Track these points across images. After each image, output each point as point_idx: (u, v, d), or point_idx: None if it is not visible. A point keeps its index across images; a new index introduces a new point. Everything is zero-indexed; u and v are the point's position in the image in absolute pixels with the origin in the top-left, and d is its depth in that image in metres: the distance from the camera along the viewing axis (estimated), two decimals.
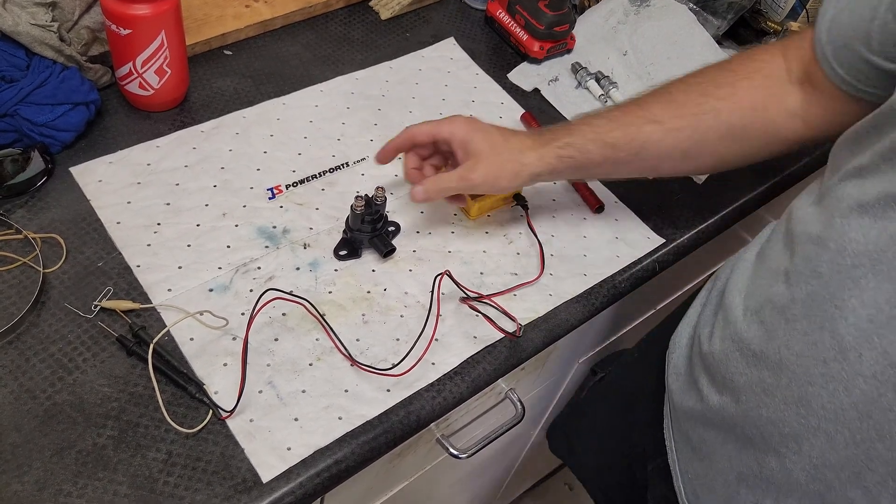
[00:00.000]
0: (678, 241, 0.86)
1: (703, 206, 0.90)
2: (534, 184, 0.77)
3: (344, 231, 0.77)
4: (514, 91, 0.98)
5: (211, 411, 0.64)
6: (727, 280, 0.71)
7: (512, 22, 1.01)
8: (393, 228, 0.79)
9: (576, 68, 1.01)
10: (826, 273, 0.56)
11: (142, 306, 0.69)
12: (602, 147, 0.73)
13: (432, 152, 0.79)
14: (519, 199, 0.84)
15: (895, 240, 0.52)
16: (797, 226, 0.62)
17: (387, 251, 0.76)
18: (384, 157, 0.79)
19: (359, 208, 0.74)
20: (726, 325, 0.67)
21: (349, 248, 0.76)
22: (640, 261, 0.84)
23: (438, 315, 0.73)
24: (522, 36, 1.00)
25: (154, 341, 0.64)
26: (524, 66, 1.01)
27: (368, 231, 0.76)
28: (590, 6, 1.09)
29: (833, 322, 0.55)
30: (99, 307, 0.68)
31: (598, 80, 0.99)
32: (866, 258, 0.54)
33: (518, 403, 0.84)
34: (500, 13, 1.02)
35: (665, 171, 0.77)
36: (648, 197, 0.90)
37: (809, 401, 0.57)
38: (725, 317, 0.68)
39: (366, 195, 0.75)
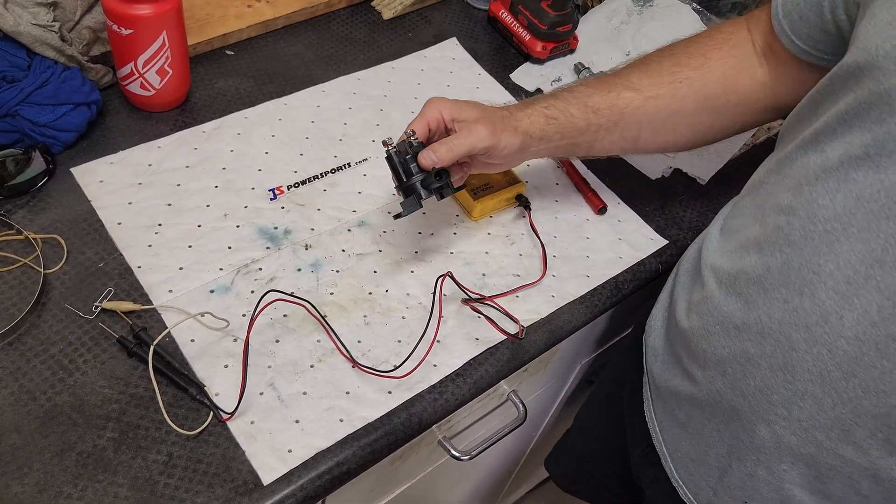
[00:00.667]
0: (682, 241, 0.86)
1: (706, 207, 0.90)
2: (528, 151, 0.74)
3: (396, 186, 0.71)
4: (517, 91, 0.97)
5: (212, 413, 0.64)
6: (698, 257, 0.72)
7: (514, 22, 1.01)
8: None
9: (579, 68, 1.00)
10: (799, 240, 0.58)
11: (143, 307, 0.69)
12: (584, 110, 0.73)
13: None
14: (521, 200, 0.84)
15: (861, 200, 0.54)
16: (765, 198, 0.64)
17: (442, 177, 0.69)
18: (424, 131, 0.72)
19: (392, 148, 0.70)
20: (703, 301, 0.68)
21: (408, 194, 0.70)
22: (643, 262, 0.83)
23: (440, 316, 0.73)
24: (525, 36, 1.00)
25: (154, 343, 0.64)
26: (527, 66, 1.00)
27: (417, 170, 0.69)
28: (593, 6, 1.09)
29: (812, 287, 0.57)
30: (100, 308, 0.68)
31: None
32: (837, 222, 0.55)
33: (520, 405, 0.84)
34: (502, 13, 1.02)
35: (644, 143, 0.77)
36: (651, 198, 0.89)
37: (795, 366, 0.59)
38: (701, 293, 0.69)
39: (393, 139, 0.70)
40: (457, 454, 0.79)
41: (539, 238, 0.81)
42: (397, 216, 0.70)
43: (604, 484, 0.97)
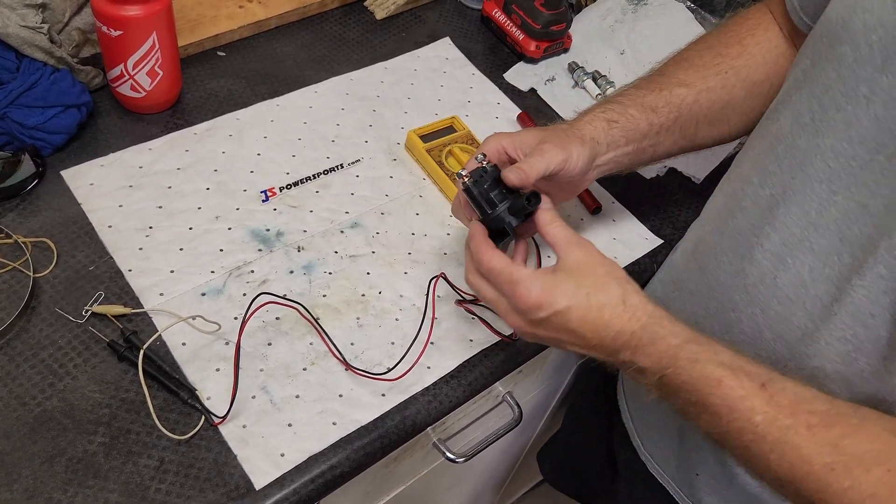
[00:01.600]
0: (676, 241, 0.85)
1: (701, 206, 0.89)
2: (597, 161, 0.70)
3: (482, 221, 0.64)
4: (511, 91, 0.97)
5: (203, 417, 0.63)
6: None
7: (508, 21, 1.00)
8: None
9: (573, 68, 1.00)
10: (749, 206, 0.61)
11: (133, 311, 0.68)
12: (643, 110, 0.71)
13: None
14: None
15: (803, 166, 0.56)
16: (733, 168, 0.67)
17: (534, 200, 0.61)
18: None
19: (468, 179, 0.64)
20: (668, 270, 0.73)
21: (496, 233, 0.64)
22: (638, 262, 0.83)
23: (434, 318, 0.72)
24: (519, 35, 0.99)
25: (145, 346, 0.63)
26: (521, 65, 1.00)
27: (501, 198, 0.63)
28: (586, 5, 1.08)
29: (752, 250, 0.60)
30: (90, 312, 0.67)
31: (595, 80, 0.99)
32: (780, 187, 0.58)
33: (515, 407, 0.83)
34: (496, 13, 1.02)
35: (702, 138, 0.76)
36: (646, 197, 0.89)
37: (732, 326, 0.62)
38: (670, 262, 0.73)
39: (466, 170, 0.64)
40: (451, 456, 0.78)
41: (534, 239, 0.80)
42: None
43: (590, 476, 0.97)
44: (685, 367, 0.53)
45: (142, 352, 0.62)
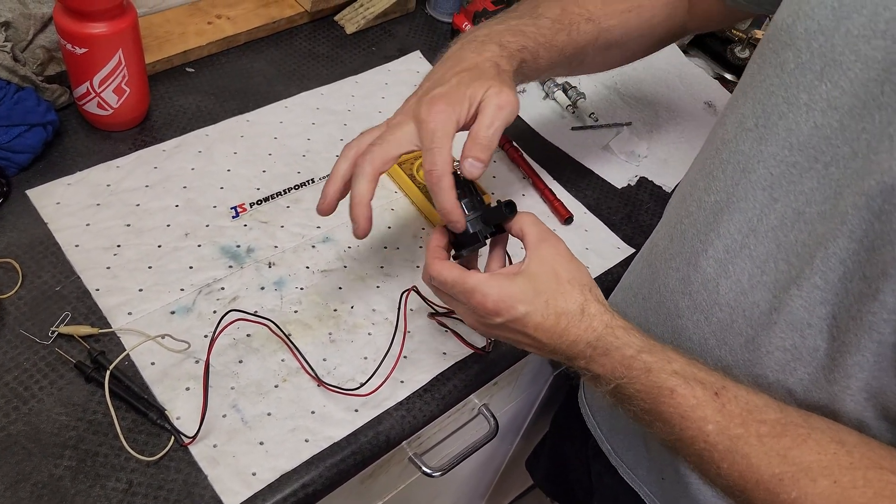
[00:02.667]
0: None
1: None
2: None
3: (450, 254, 0.62)
4: None
5: (173, 437, 0.62)
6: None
7: None
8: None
9: (543, 79, 1.00)
10: (695, 212, 0.61)
11: (101, 331, 0.67)
12: (550, 51, 0.69)
13: None
14: None
15: (745, 172, 0.56)
16: (686, 173, 0.67)
17: (509, 210, 0.59)
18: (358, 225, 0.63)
19: None
20: (628, 275, 0.73)
21: (464, 241, 0.61)
22: (611, 271, 0.83)
23: (406, 331, 0.72)
24: None
25: (111, 367, 0.62)
26: None
27: (471, 206, 0.60)
28: None
29: (697, 257, 0.60)
30: (56, 333, 0.66)
31: (565, 91, 0.99)
32: (724, 193, 0.57)
33: (491, 419, 0.83)
34: (465, 25, 1.02)
35: (580, 70, 0.77)
36: (617, 206, 0.89)
37: (679, 333, 0.62)
38: (630, 267, 0.74)
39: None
40: (428, 470, 0.78)
41: (505, 250, 0.80)
42: (456, 256, 0.63)
43: (576, 483, 0.97)
44: (638, 378, 0.53)
45: (108, 372, 0.61)
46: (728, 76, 1.09)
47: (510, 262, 0.76)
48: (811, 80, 0.51)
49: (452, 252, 0.63)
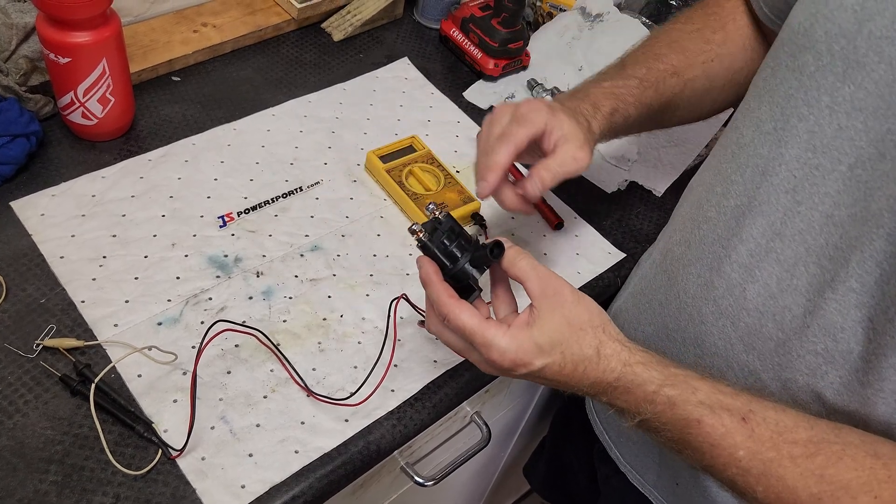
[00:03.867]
0: (639, 254, 0.85)
1: (662, 219, 0.90)
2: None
3: (446, 279, 0.59)
4: (471, 109, 0.97)
5: (160, 451, 0.62)
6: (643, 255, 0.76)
7: (466, 40, 1.01)
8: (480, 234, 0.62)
9: (532, 84, 1.00)
10: (714, 217, 0.60)
11: (86, 343, 0.66)
12: (639, 108, 0.71)
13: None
14: (476, 218, 0.83)
15: (766, 175, 0.55)
16: (698, 176, 0.67)
17: (497, 250, 0.57)
18: (492, 186, 0.63)
19: (422, 234, 0.59)
20: (639, 281, 0.72)
21: (461, 289, 0.59)
22: (602, 276, 0.83)
23: (396, 340, 0.71)
24: (477, 54, 0.99)
25: (97, 379, 0.61)
26: (480, 83, 1.00)
27: (461, 250, 0.58)
28: (543, 23, 1.09)
29: (720, 262, 0.59)
30: (41, 346, 0.65)
31: (553, 96, 0.99)
32: (745, 197, 0.57)
33: (483, 427, 0.82)
34: (453, 32, 1.02)
35: (670, 123, 0.77)
36: (608, 211, 0.89)
37: (703, 339, 0.61)
38: (638, 272, 0.73)
39: (419, 224, 0.59)
40: (420, 480, 0.77)
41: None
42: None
43: (578, 491, 0.96)
44: (663, 412, 0.53)
45: (93, 385, 0.60)
46: None
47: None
48: (833, 82, 0.51)
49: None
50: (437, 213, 0.61)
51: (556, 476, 1.02)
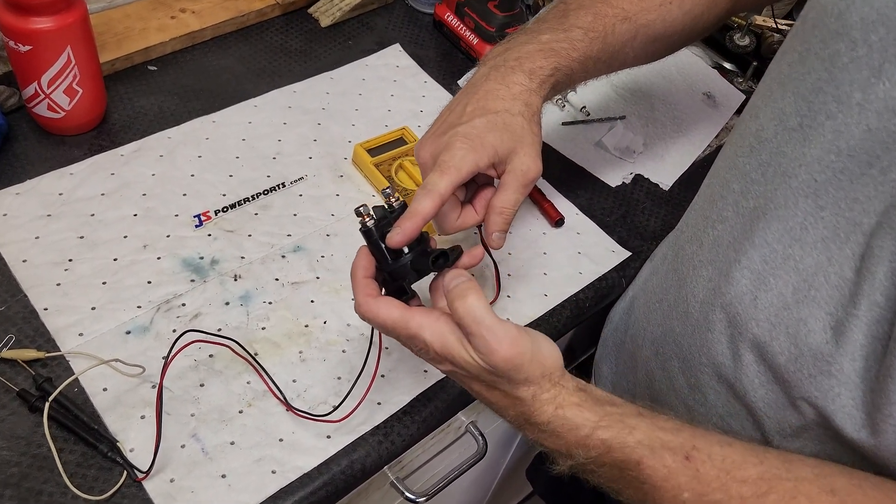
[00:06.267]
0: (645, 253, 0.80)
1: (670, 215, 0.85)
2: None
3: (376, 276, 0.56)
4: None
5: (125, 472, 0.57)
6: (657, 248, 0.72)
7: (461, 25, 0.95)
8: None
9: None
10: (731, 217, 0.55)
11: (48, 355, 0.61)
12: (583, 63, 0.65)
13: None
14: None
15: (786, 176, 0.50)
16: (714, 168, 0.62)
17: (442, 261, 0.54)
18: (407, 235, 0.54)
19: (368, 219, 0.54)
20: (650, 277, 0.68)
21: (397, 290, 0.55)
22: (605, 276, 0.77)
23: (383, 348, 0.66)
24: (472, 40, 0.94)
25: (53, 395, 0.56)
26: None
27: (409, 249, 0.55)
28: (544, 5, 1.03)
29: (729, 266, 0.54)
30: None
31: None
32: (763, 198, 0.52)
33: (479, 438, 0.77)
34: (448, 16, 0.96)
35: (627, 64, 0.72)
36: (612, 207, 0.84)
37: (710, 347, 0.57)
38: (650, 268, 0.69)
39: (370, 206, 0.55)
40: (412, 496, 0.72)
41: (491, 256, 0.74)
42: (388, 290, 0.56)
43: (585, 496, 0.92)
44: (598, 456, 0.49)
45: (47, 404, 0.55)
46: (727, 65, 1.03)
47: (497, 273, 0.71)
48: (867, 77, 0.45)
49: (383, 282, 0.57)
50: (392, 199, 0.56)
51: (561, 480, 0.97)
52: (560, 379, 0.51)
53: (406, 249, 0.55)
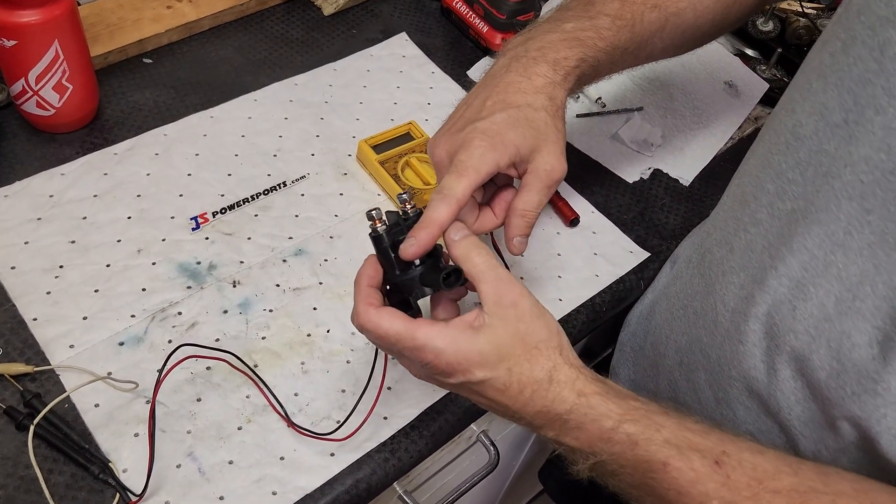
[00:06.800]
0: (665, 253, 0.76)
1: (690, 212, 0.80)
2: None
3: (383, 286, 0.52)
4: None
5: (118, 495, 0.54)
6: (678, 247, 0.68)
7: (470, 12, 0.91)
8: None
9: None
10: (765, 220, 0.51)
11: (37, 369, 0.58)
12: (610, 53, 0.62)
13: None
14: None
15: (829, 177, 0.46)
16: (744, 164, 0.57)
17: (453, 278, 0.50)
18: (423, 245, 0.51)
19: (380, 224, 0.51)
20: (673, 281, 0.63)
21: (400, 303, 0.52)
22: (623, 279, 0.73)
23: (389, 358, 0.62)
24: (482, 28, 0.90)
25: (40, 416, 0.53)
26: (485, 60, 0.90)
27: (421, 262, 0.51)
28: None
29: (764, 273, 0.50)
30: None
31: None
32: (802, 200, 0.48)
33: (491, 448, 0.74)
34: (457, 3, 0.92)
35: (655, 56, 0.68)
36: (630, 204, 0.80)
37: (742, 360, 0.53)
38: (671, 272, 0.65)
39: (382, 211, 0.52)
40: None
41: (502, 258, 0.71)
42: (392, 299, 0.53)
43: (600, 499, 0.89)
44: (622, 453, 0.46)
45: (31, 428, 0.52)
46: (749, 52, 0.98)
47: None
48: None
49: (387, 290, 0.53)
50: (407, 205, 0.53)
51: (574, 483, 0.94)
52: (574, 360, 0.49)
53: (417, 262, 0.51)
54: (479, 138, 0.54)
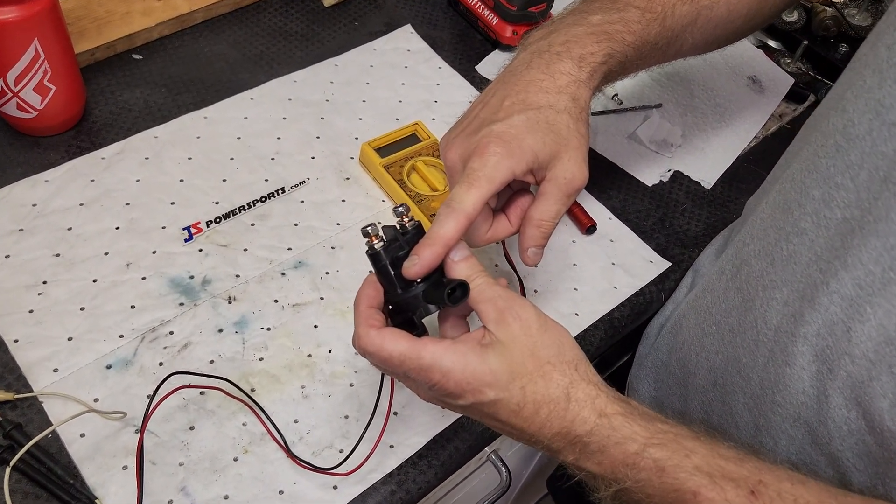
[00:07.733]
0: (686, 263, 0.72)
1: (713, 217, 0.76)
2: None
3: (385, 305, 0.49)
4: (485, 85, 0.82)
5: None
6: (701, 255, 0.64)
7: (479, 3, 0.86)
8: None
9: None
10: (811, 230, 0.47)
11: (17, 396, 0.54)
12: (639, 48, 0.58)
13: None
14: None
15: (888, 182, 0.42)
16: (782, 167, 0.54)
17: (459, 293, 0.46)
18: (426, 265, 0.47)
19: (377, 241, 0.48)
20: (704, 295, 0.59)
21: (404, 322, 0.49)
22: (642, 291, 0.69)
23: (394, 382, 0.59)
24: (492, 20, 0.85)
25: (21, 453, 0.49)
26: (495, 54, 0.86)
27: (423, 279, 0.47)
28: None
29: (815, 290, 0.46)
30: None
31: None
32: (856, 209, 0.44)
33: (503, 469, 0.70)
34: None
35: (685, 52, 0.64)
36: (649, 209, 0.75)
37: (789, 384, 0.49)
38: (703, 283, 0.61)
39: (379, 226, 0.48)
40: None
41: (515, 270, 0.66)
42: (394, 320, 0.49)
43: None
44: (648, 480, 0.43)
45: (8, 469, 0.48)
46: (773, 44, 0.93)
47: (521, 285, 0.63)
48: None
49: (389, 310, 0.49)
50: (405, 218, 0.49)
51: (585, 492, 0.91)
52: (592, 377, 0.45)
53: (419, 279, 0.47)
54: (494, 143, 0.50)
